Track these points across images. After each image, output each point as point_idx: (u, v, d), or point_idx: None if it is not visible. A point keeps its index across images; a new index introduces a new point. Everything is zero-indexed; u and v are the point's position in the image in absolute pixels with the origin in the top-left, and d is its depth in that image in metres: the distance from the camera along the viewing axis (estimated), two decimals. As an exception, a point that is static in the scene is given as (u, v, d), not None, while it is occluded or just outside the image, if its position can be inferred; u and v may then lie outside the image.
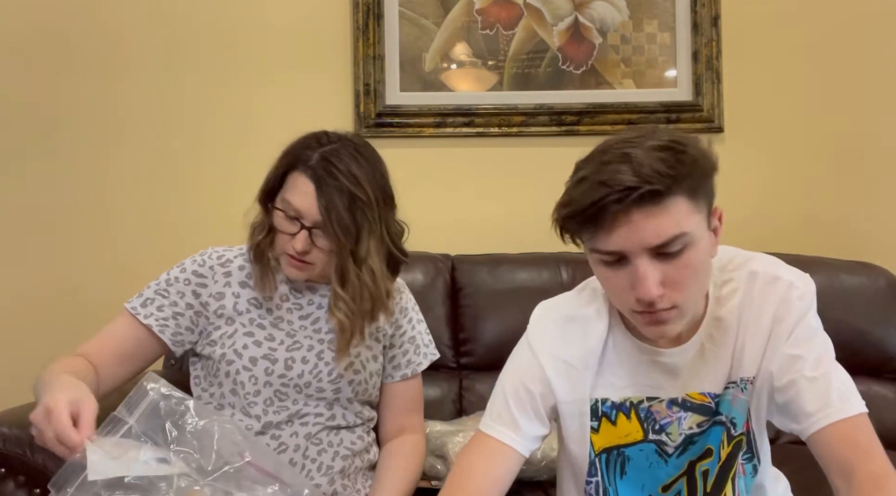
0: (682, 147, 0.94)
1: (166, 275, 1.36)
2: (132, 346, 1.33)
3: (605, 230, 0.95)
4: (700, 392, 1.09)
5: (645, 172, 0.91)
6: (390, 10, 2.11)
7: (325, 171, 1.25)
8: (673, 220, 0.94)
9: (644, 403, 1.11)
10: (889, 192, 2.17)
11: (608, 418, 1.12)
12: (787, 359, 1.04)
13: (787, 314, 1.06)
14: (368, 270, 1.27)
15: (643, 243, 0.94)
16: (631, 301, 0.99)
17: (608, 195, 0.92)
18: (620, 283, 0.99)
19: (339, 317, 1.28)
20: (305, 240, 1.26)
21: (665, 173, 0.92)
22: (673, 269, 0.96)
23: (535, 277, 1.86)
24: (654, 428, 1.11)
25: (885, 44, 2.16)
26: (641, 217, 0.93)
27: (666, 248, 0.95)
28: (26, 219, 2.09)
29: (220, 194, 2.08)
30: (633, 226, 0.93)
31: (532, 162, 2.15)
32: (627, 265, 0.97)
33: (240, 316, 1.34)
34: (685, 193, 0.94)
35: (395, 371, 1.42)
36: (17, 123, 2.09)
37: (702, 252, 0.98)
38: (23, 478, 1.33)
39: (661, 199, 0.92)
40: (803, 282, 1.09)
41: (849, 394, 1.02)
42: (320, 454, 1.31)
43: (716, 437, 1.10)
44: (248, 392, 1.30)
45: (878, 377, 1.86)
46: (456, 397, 1.86)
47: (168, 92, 2.10)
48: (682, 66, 2.15)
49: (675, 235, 0.94)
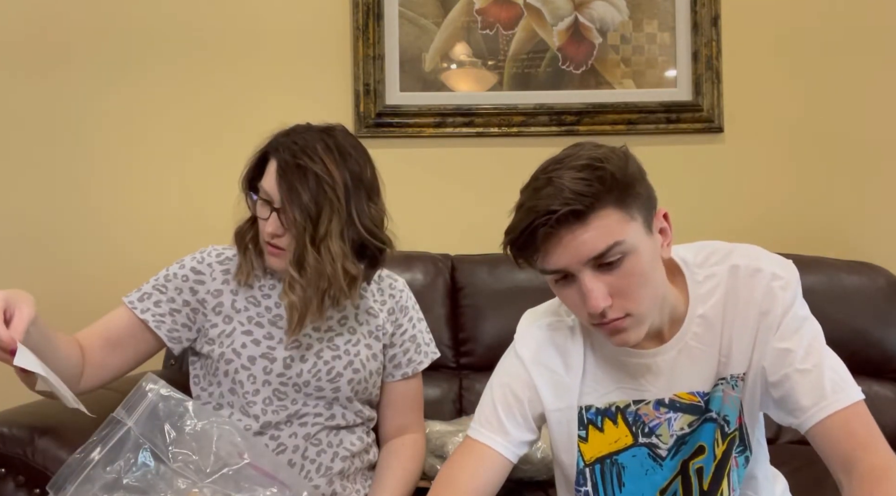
0: (599, 164, 0.99)
1: (165, 271, 1.37)
2: (122, 336, 1.32)
3: (542, 252, 1.00)
4: (689, 391, 1.10)
5: (566, 195, 0.97)
6: (390, 10, 2.11)
7: (291, 154, 1.26)
8: (602, 232, 0.97)
9: (631, 407, 1.11)
10: (888, 192, 2.17)
11: (594, 425, 1.12)
12: (778, 354, 1.05)
13: (772, 306, 1.06)
14: (326, 251, 1.25)
15: (579, 258, 0.98)
16: (584, 315, 1.02)
17: (535, 220, 0.97)
18: (573, 299, 1.02)
19: (292, 299, 1.27)
20: (275, 222, 1.26)
21: (584, 192, 0.96)
22: (616, 279, 0.99)
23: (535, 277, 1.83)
24: (644, 431, 1.11)
25: (885, 44, 2.16)
26: (569, 236, 0.97)
27: (603, 258, 0.98)
28: (25, 219, 2.09)
29: (220, 194, 2.07)
30: (564, 245, 0.98)
31: (532, 162, 2.11)
32: (575, 281, 1.00)
33: (238, 314, 1.34)
34: (612, 205, 0.98)
35: (396, 370, 1.42)
36: (16, 124, 2.09)
37: (644, 258, 1.00)
38: (23, 478, 1.33)
39: (584, 216, 0.97)
40: (786, 270, 1.08)
41: (843, 384, 1.03)
42: (319, 455, 1.31)
43: (708, 435, 1.10)
44: (246, 391, 1.30)
45: (878, 377, 1.86)
46: (456, 397, 1.86)
47: (167, 92, 2.10)
48: (681, 66, 2.15)
49: (609, 246, 0.97)
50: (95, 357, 1.28)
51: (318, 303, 1.27)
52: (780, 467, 1.27)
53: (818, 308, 1.14)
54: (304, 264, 1.25)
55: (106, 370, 1.30)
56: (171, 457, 1.08)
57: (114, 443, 1.05)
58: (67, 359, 1.22)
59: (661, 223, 1.05)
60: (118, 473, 1.05)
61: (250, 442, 1.16)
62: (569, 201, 0.96)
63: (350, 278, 1.28)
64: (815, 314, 1.12)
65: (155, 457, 1.08)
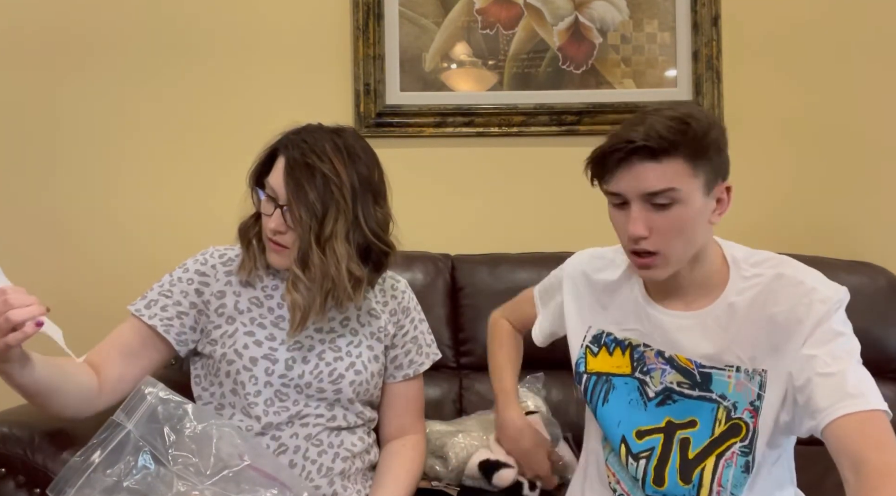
0: (688, 120, 1.11)
1: (169, 276, 1.36)
2: (135, 346, 1.32)
3: (610, 173, 1.13)
4: (687, 357, 1.20)
5: (649, 132, 1.09)
6: (390, 10, 2.11)
7: (300, 152, 1.26)
8: (665, 175, 1.10)
9: (640, 347, 1.25)
10: (889, 192, 2.17)
11: (607, 349, 1.29)
12: (804, 359, 1.09)
13: (806, 316, 1.10)
14: (331, 252, 1.25)
15: (636, 189, 1.11)
16: (626, 239, 1.16)
17: (615, 144, 1.11)
18: (621, 222, 1.16)
19: (294, 297, 1.27)
20: (278, 219, 1.26)
21: (664, 136, 1.09)
22: (660, 220, 1.12)
23: (535, 277, 1.85)
24: (642, 369, 1.24)
25: (885, 43, 2.16)
26: (640, 167, 1.10)
27: (655, 198, 1.11)
28: (28, 220, 2.09)
29: (220, 194, 2.08)
30: (630, 173, 1.11)
31: (532, 162, 2.15)
32: (627, 208, 1.14)
33: (240, 315, 1.34)
34: (683, 157, 1.10)
35: (398, 371, 1.42)
36: (18, 124, 2.09)
37: (690, 212, 1.12)
38: (23, 478, 1.33)
39: (655, 155, 1.09)
40: (830, 289, 1.13)
41: (865, 391, 1.04)
42: (320, 455, 1.31)
43: (705, 412, 1.17)
44: (248, 392, 1.30)
45: (877, 377, 1.83)
46: (456, 397, 1.86)
47: (167, 92, 2.10)
48: (682, 66, 2.15)
49: (664, 188, 1.10)
50: (113, 371, 1.29)
51: (321, 304, 1.27)
52: (781, 467, 1.28)
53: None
54: (309, 263, 1.25)
55: (125, 382, 1.29)
56: (171, 460, 1.08)
57: (114, 446, 1.05)
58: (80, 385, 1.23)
59: (721, 193, 1.16)
60: (118, 476, 1.05)
61: (250, 443, 1.16)
62: (648, 138, 1.09)
63: (355, 280, 1.28)
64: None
65: (155, 460, 1.08)
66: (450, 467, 1.51)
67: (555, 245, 1.98)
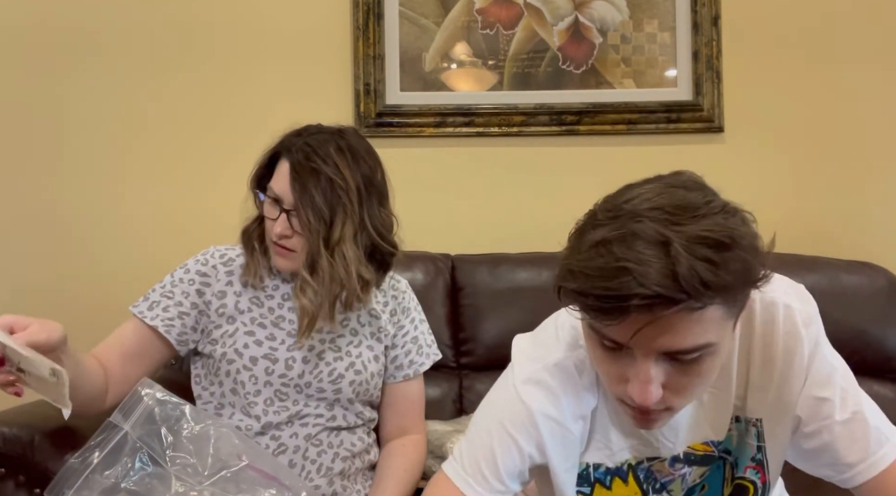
0: (733, 245, 0.76)
1: (170, 277, 1.37)
2: (137, 347, 1.33)
3: (618, 323, 0.77)
4: (703, 441, 0.99)
5: (685, 279, 0.73)
6: (390, 10, 2.11)
7: (304, 156, 1.26)
8: (701, 330, 0.78)
9: (644, 464, 0.99)
10: (889, 192, 2.16)
11: (602, 484, 0.99)
12: (813, 403, 0.95)
13: (796, 348, 0.94)
14: (340, 256, 1.25)
15: (659, 347, 0.79)
16: (620, 390, 0.85)
17: (633, 295, 0.74)
18: (615, 370, 0.84)
19: (304, 302, 1.27)
20: (284, 223, 1.27)
21: (709, 284, 0.74)
22: (681, 375, 0.82)
23: (535, 277, 1.86)
24: (655, 487, 1.00)
25: (885, 44, 2.16)
26: (667, 323, 0.76)
27: (683, 355, 0.80)
28: (29, 219, 2.09)
29: (220, 194, 2.08)
30: (655, 329, 0.77)
31: (532, 162, 2.14)
32: (629, 356, 0.81)
33: (241, 315, 1.34)
34: (723, 303, 0.78)
35: (398, 371, 1.42)
36: (21, 123, 2.09)
37: (720, 358, 0.84)
38: (23, 477, 1.33)
39: (697, 310, 0.76)
40: (803, 302, 0.96)
41: (887, 432, 0.95)
42: (320, 455, 1.31)
43: (717, 475, 1.02)
44: (248, 391, 1.30)
45: (878, 377, 1.86)
46: (456, 397, 1.86)
47: (166, 92, 2.10)
48: (682, 66, 2.15)
49: (698, 346, 0.79)
50: (116, 372, 1.29)
51: (330, 308, 1.28)
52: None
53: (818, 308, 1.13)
54: (318, 268, 1.26)
55: (128, 383, 1.28)
56: (169, 461, 1.08)
57: (111, 447, 1.06)
58: (94, 382, 1.24)
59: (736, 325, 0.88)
60: (116, 478, 1.05)
61: (249, 443, 1.16)
62: (689, 290, 0.73)
63: (364, 283, 1.29)
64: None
65: (153, 461, 1.08)
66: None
67: (555, 245, 1.97)
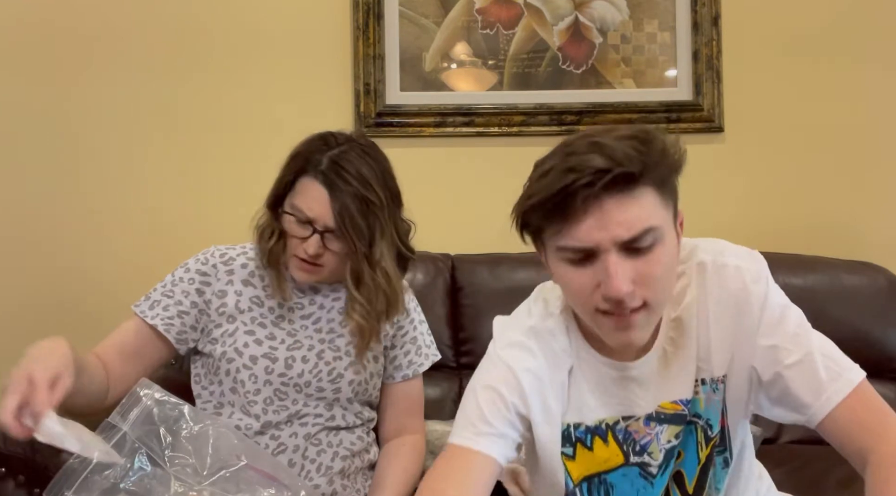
0: (650, 136, 0.91)
1: (171, 276, 1.37)
2: (136, 345, 1.33)
3: (574, 220, 0.89)
4: (672, 400, 1.04)
5: (617, 156, 0.87)
6: (390, 10, 2.11)
7: (336, 175, 1.25)
8: (644, 211, 0.90)
9: (620, 424, 1.05)
10: (889, 192, 2.16)
11: (583, 444, 1.04)
12: (766, 351, 1.00)
13: (747, 304, 1.01)
14: (383, 272, 1.29)
15: (614, 237, 0.89)
16: (596, 300, 0.93)
17: (578, 179, 0.87)
18: (585, 283, 0.93)
19: (357, 320, 1.29)
20: (318, 244, 1.26)
21: (636, 158, 0.88)
22: (644, 265, 0.91)
23: (535, 277, 1.84)
24: (635, 449, 1.05)
25: (885, 43, 2.16)
26: (613, 205, 0.89)
27: (637, 242, 0.90)
28: (28, 219, 2.09)
29: (220, 194, 2.08)
30: (605, 215, 0.89)
31: (532, 162, 2.13)
32: (595, 262, 0.91)
33: (241, 314, 1.34)
34: (654, 185, 0.91)
35: (396, 371, 1.42)
36: (22, 124, 2.09)
37: (669, 249, 0.94)
38: (23, 477, 1.33)
39: (633, 185, 0.89)
40: (752, 261, 1.03)
41: (838, 368, 0.99)
42: (319, 454, 1.31)
43: (690, 439, 1.06)
44: (247, 390, 1.30)
45: (878, 377, 1.84)
46: (456, 397, 1.85)
47: (167, 92, 2.10)
48: (682, 66, 2.15)
49: (647, 229, 0.90)
50: (115, 371, 1.29)
51: (378, 323, 1.32)
52: (779, 467, 1.28)
53: (818, 308, 1.14)
54: (362, 284, 1.29)
55: (127, 382, 1.28)
56: (168, 461, 1.08)
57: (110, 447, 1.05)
58: (97, 382, 1.24)
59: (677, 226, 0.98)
60: (115, 478, 1.05)
61: (247, 443, 1.17)
62: (622, 162, 0.87)
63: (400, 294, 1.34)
64: (816, 314, 1.11)
65: (151, 461, 1.08)
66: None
67: (555, 245, 1.98)
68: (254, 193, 1.37)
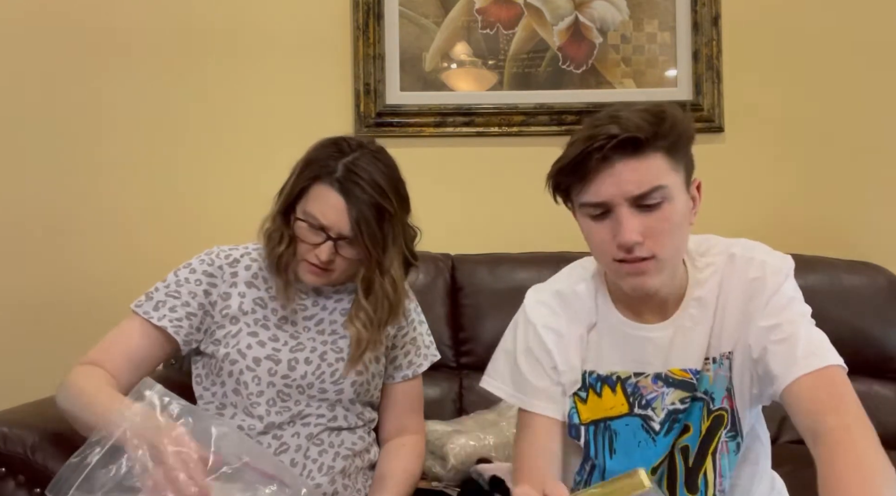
0: (661, 109, 1.05)
1: (174, 276, 1.35)
2: (145, 351, 1.31)
3: (591, 179, 1.04)
4: (681, 368, 1.14)
5: (629, 125, 1.02)
6: (390, 10, 2.11)
7: (352, 182, 1.24)
8: (652, 171, 1.03)
9: (631, 379, 1.16)
10: (889, 192, 2.17)
11: (594, 389, 1.17)
12: (761, 331, 1.08)
13: (761, 289, 1.10)
14: (390, 279, 1.29)
15: (625, 193, 1.03)
16: (612, 250, 1.06)
17: (592, 144, 1.02)
18: (603, 235, 1.06)
19: (357, 328, 1.29)
20: (330, 250, 1.26)
21: (645, 128, 1.02)
22: (652, 221, 1.04)
23: (535, 277, 1.83)
24: (641, 403, 1.15)
25: (885, 43, 2.16)
26: (623, 166, 1.02)
27: (645, 199, 1.03)
28: (27, 219, 2.09)
29: (219, 193, 2.08)
30: (616, 174, 1.02)
31: (532, 162, 2.11)
32: (610, 216, 1.05)
33: (245, 316, 1.34)
34: (664, 151, 1.04)
35: (396, 372, 1.42)
36: (18, 122, 2.09)
37: (679, 209, 1.06)
38: (23, 477, 1.33)
39: (641, 149, 1.02)
40: (779, 260, 1.13)
41: (816, 350, 1.04)
42: (321, 454, 1.31)
43: (696, 414, 1.14)
44: (251, 392, 1.30)
45: (878, 377, 1.86)
46: (456, 397, 1.86)
47: (167, 91, 2.10)
48: (682, 66, 2.15)
49: (655, 186, 1.03)
50: (124, 381, 1.26)
51: (378, 332, 1.32)
52: (780, 467, 1.27)
53: (818, 308, 1.14)
54: (372, 291, 1.29)
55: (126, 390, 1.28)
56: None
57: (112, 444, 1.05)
58: None
59: (693, 191, 1.11)
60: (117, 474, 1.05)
61: (250, 444, 1.16)
62: (631, 129, 1.01)
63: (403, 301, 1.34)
64: (816, 314, 1.12)
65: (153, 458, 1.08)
66: (448, 467, 1.51)
67: (555, 245, 1.98)
68: (254, 193, 1.37)
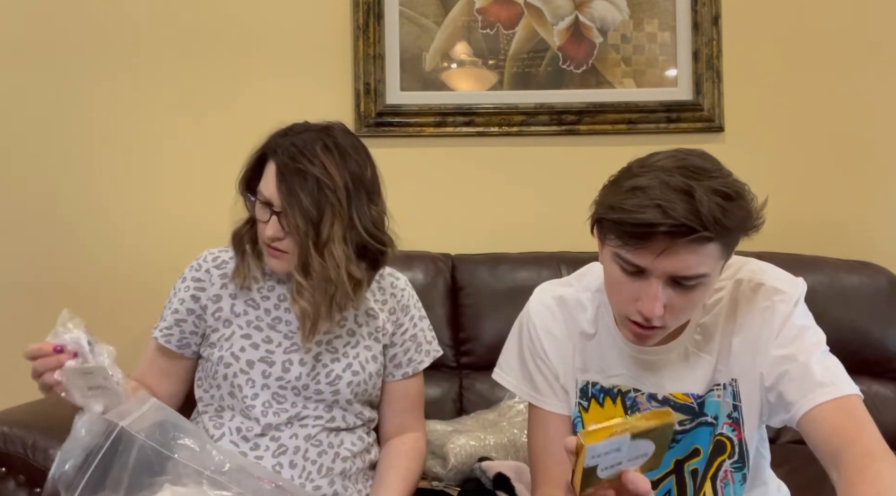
0: (739, 200, 0.99)
1: (173, 289, 1.39)
2: (164, 363, 1.37)
3: (643, 248, 0.99)
4: (683, 392, 1.14)
5: (704, 215, 0.95)
6: (391, 10, 2.11)
7: (290, 157, 1.25)
8: (705, 261, 0.99)
9: (631, 393, 1.16)
10: (889, 192, 2.16)
11: (597, 400, 1.18)
12: (775, 360, 1.07)
13: (770, 319, 1.08)
14: (330, 255, 1.25)
15: (668, 272, 0.99)
16: (630, 310, 1.04)
17: (663, 224, 0.95)
18: (628, 292, 1.04)
19: (302, 305, 1.27)
20: (275, 226, 1.26)
21: (720, 222, 0.95)
22: (679, 299, 1.02)
23: (535, 277, 1.86)
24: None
25: (885, 43, 2.16)
26: (683, 251, 0.97)
27: (686, 281, 1.00)
28: (26, 218, 2.09)
29: (219, 193, 2.07)
30: (671, 254, 0.98)
31: (532, 162, 2.14)
32: (642, 279, 1.01)
33: (237, 318, 1.34)
34: (721, 243, 0.99)
35: (397, 369, 1.41)
36: (14, 122, 2.09)
37: (709, 289, 1.05)
38: (23, 477, 1.34)
39: (705, 243, 0.97)
40: (788, 286, 1.11)
41: (833, 378, 1.03)
42: (320, 455, 1.31)
43: (704, 438, 1.13)
44: (245, 395, 1.30)
45: (878, 377, 1.86)
46: (456, 397, 1.86)
47: (167, 91, 2.10)
48: (682, 66, 2.15)
49: (701, 274, 1.00)
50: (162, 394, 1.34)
51: (328, 309, 1.27)
52: (780, 467, 1.27)
53: (818, 308, 1.14)
54: (310, 269, 1.25)
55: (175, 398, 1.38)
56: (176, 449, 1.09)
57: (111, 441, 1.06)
58: None
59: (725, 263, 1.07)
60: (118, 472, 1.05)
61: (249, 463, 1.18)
62: (707, 225, 0.95)
63: (355, 282, 1.28)
64: (816, 314, 1.12)
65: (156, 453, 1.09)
66: (448, 467, 1.51)
67: (555, 245, 1.98)
68: (254, 193, 1.36)
